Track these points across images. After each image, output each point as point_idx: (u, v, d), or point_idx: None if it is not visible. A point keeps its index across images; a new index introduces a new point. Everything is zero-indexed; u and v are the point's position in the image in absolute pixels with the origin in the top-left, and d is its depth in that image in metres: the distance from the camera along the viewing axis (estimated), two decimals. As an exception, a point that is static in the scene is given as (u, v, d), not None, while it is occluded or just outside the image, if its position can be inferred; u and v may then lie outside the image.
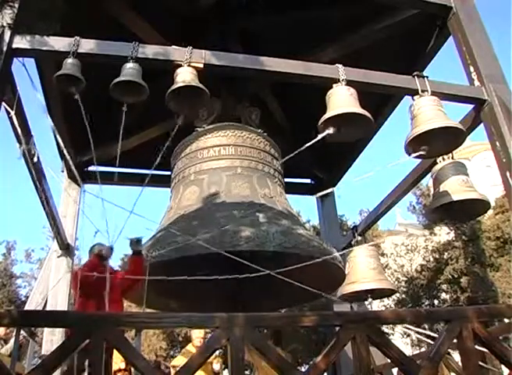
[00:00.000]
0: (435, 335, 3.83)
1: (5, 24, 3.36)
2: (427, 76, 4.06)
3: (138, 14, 5.18)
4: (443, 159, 4.55)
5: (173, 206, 5.06)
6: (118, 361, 4.44)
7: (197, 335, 5.26)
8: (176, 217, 4.75)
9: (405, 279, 14.91)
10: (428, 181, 13.42)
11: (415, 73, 4.07)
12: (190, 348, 5.29)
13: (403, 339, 15.63)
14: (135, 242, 4.02)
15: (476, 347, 2.94)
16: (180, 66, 3.71)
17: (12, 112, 3.75)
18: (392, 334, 14.84)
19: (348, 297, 5.56)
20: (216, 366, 5.23)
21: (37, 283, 6.70)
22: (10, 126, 3.94)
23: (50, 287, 6.13)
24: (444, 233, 15.28)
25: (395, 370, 5.73)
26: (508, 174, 3.82)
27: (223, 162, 5.00)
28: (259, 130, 5.35)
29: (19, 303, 15.89)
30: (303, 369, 2.79)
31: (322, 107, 3.91)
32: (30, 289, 15.34)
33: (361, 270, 5.69)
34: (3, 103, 3.58)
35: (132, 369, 4.98)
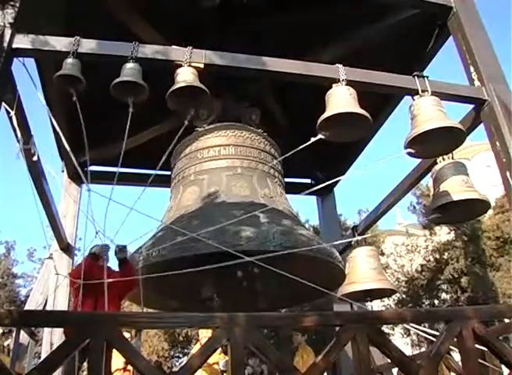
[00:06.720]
0: (436, 333, 3.83)
1: (6, 24, 3.36)
2: (427, 76, 4.06)
3: (139, 14, 5.18)
4: (443, 159, 4.55)
5: (173, 206, 5.06)
6: (116, 360, 4.45)
7: (205, 335, 5.27)
8: (176, 217, 4.75)
9: (405, 279, 14.92)
10: (428, 181, 13.44)
11: (415, 73, 4.06)
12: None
13: (403, 339, 15.64)
14: (119, 250, 4.09)
15: (476, 346, 2.94)
16: (181, 66, 3.71)
17: (12, 112, 3.75)
18: (393, 334, 14.85)
19: (348, 297, 5.56)
20: (222, 364, 5.26)
21: (37, 283, 6.70)
22: (10, 126, 3.94)
23: (50, 287, 6.13)
24: (444, 233, 15.29)
25: (395, 370, 5.73)
26: (508, 174, 3.82)
27: (223, 162, 5.00)
28: (259, 130, 5.34)
29: (19, 303, 15.90)
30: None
31: (322, 107, 3.91)
32: (30, 289, 15.34)
33: (361, 270, 5.69)
34: (3, 103, 3.58)
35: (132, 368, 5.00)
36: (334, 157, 7.04)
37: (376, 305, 14.55)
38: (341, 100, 3.82)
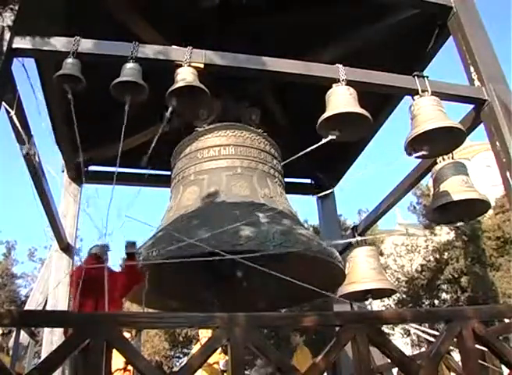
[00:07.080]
0: (436, 333, 3.83)
1: (5, 25, 3.36)
2: (427, 76, 4.06)
3: (139, 14, 5.18)
4: (443, 159, 4.55)
5: (173, 206, 5.05)
6: (117, 360, 4.45)
7: (205, 335, 5.28)
8: (176, 217, 4.74)
9: (405, 279, 14.91)
10: (428, 181, 13.43)
11: (415, 73, 4.07)
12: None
13: (403, 339, 15.64)
14: (130, 245, 4.10)
15: (476, 346, 2.94)
16: (181, 66, 3.71)
17: (12, 112, 3.75)
18: (393, 335, 14.84)
19: (348, 297, 5.56)
20: (222, 363, 5.27)
21: (37, 282, 6.70)
22: (10, 125, 3.95)
23: (50, 286, 6.13)
24: (444, 233, 15.29)
25: (395, 370, 5.73)
26: (508, 174, 3.82)
27: (223, 162, 4.99)
28: (259, 130, 5.34)
29: (19, 303, 15.90)
30: (303, 369, 2.78)
31: (322, 107, 3.91)
32: (30, 289, 15.35)
33: (361, 270, 5.69)
34: (3, 103, 3.58)
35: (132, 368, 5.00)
36: (334, 157, 7.03)
37: (376, 305, 14.55)
38: (341, 100, 3.82)
